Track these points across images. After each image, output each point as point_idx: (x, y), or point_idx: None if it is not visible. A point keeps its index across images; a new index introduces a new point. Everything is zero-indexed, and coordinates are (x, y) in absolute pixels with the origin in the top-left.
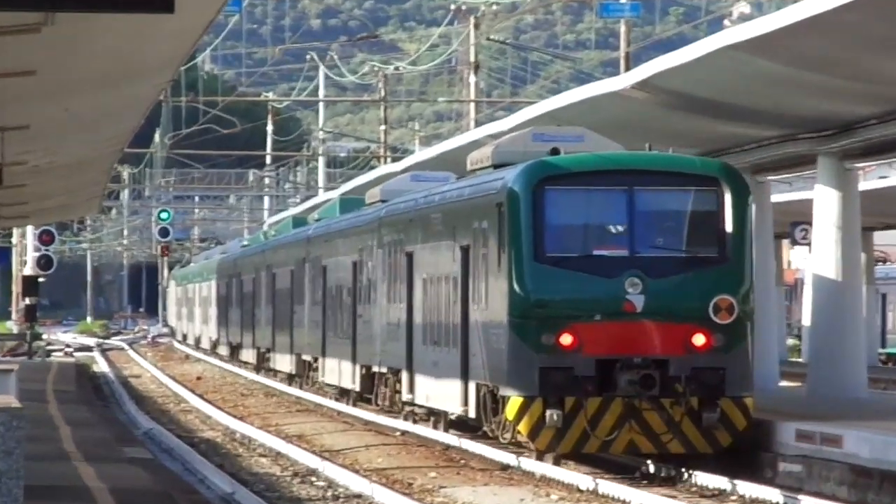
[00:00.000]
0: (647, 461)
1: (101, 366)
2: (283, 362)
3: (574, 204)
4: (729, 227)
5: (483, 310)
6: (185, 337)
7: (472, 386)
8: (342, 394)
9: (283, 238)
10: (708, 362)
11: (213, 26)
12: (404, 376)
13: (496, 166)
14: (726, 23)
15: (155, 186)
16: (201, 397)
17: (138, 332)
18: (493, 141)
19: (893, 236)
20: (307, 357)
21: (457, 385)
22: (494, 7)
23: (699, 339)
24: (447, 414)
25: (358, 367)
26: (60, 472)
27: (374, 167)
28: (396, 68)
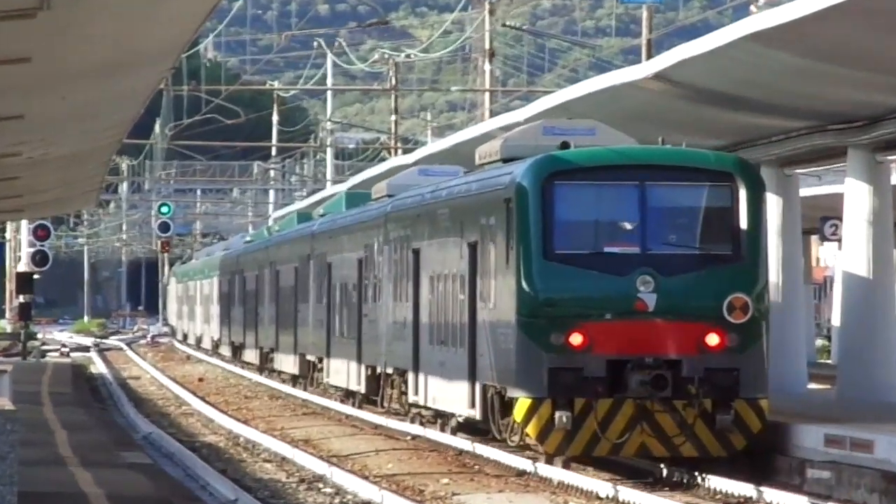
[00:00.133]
0: (660, 465)
1: (98, 367)
2: (287, 363)
3: (584, 199)
4: (744, 223)
5: (491, 308)
6: (186, 336)
7: (479, 387)
8: (347, 395)
9: (287, 234)
10: (722, 363)
11: (216, 11)
12: (410, 377)
13: (505, 160)
14: (752, 8)
15: (155, 179)
16: (203, 400)
17: (137, 332)
18: (504, 134)
19: None
20: (312, 357)
21: (464, 386)
22: None
23: (713, 339)
24: (454, 416)
25: (363, 367)
26: (56, 477)
27: (384, 159)
28: (408, 56)
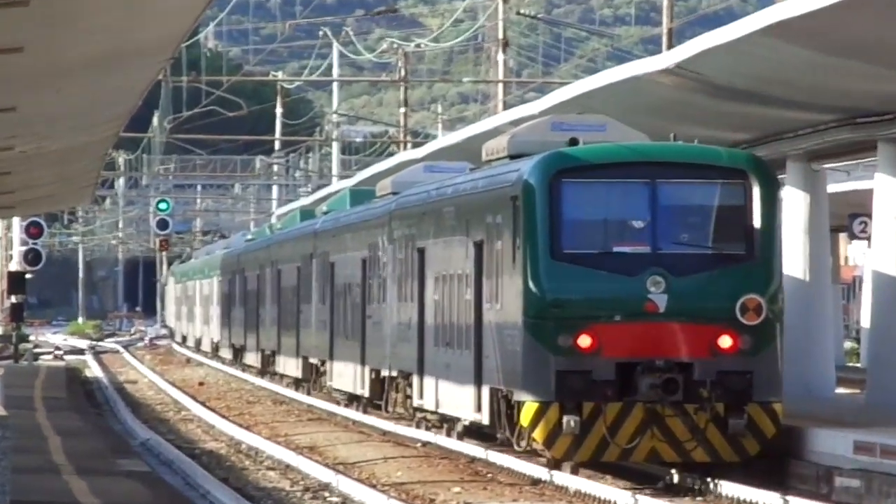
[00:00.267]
0: (671, 470)
1: (94, 370)
2: (290, 366)
3: (593, 197)
4: (757, 222)
5: (497, 309)
6: (185, 338)
7: (485, 390)
8: (351, 400)
9: (290, 232)
10: (734, 365)
11: None
12: (415, 380)
13: (512, 157)
14: None
15: (153, 174)
16: (204, 405)
17: (135, 334)
18: (512, 129)
19: None
20: (314, 360)
21: (469, 390)
22: None
23: (725, 341)
24: (460, 421)
25: (367, 370)
26: (50, 486)
27: (392, 154)
28: (417, 45)
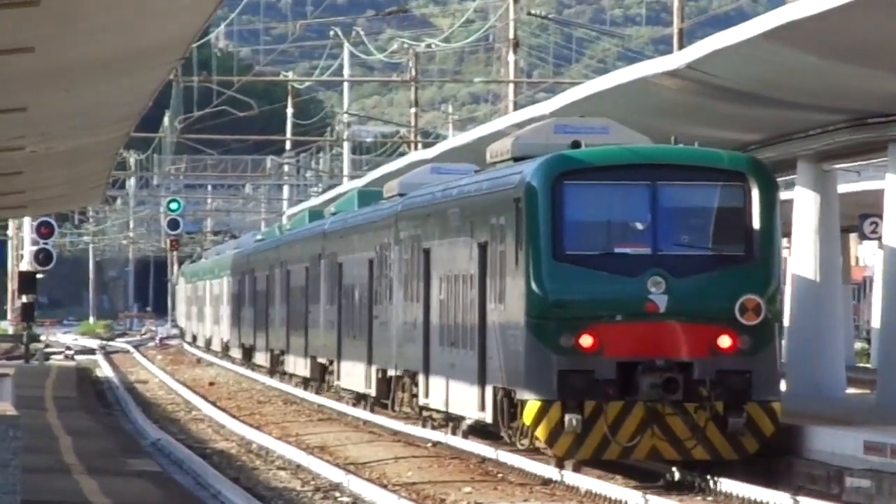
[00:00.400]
0: (672, 468)
1: (104, 370)
2: (298, 366)
3: (594, 199)
4: (756, 223)
5: (500, 310)
6: (195, 338)
7: (489, 390)
8: (359, 399)
9: (299, 232)
10: (734, 365)
11: None
12: (421, 380)
13: (516, 159)
14: None
15: (164, 174)
16: (214, 405)
17: (145, 334)
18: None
19: None
20: (323, 360)
21: (474, 389)
22: None
23: (725, 341)
24: (465, 419)
25: (374, 370)
26: (60, 486)
27: (403, 153)
28: (428, 45)
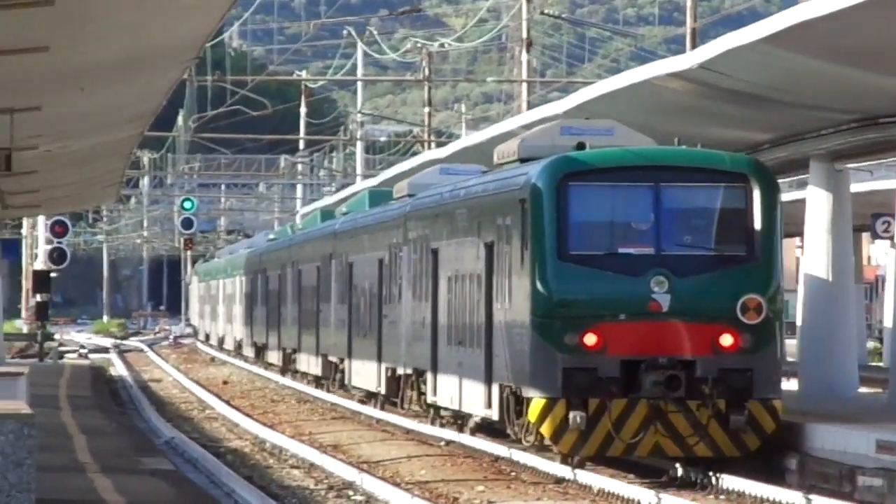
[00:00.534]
0: (675, 464)
1: (118, 369)
2: (310, 364)
3: (598, 200)
4: (758, 224)
5: (506, 309)
6: (208, 337)
7: (495, 387)
8: (369, 397)
9: (310, 232)
10: (735, 363)
11: None
12: (429, 378)
13: (523, 160)
14: None
15: (178, 173)
16: (228, 403)
17: (159, 333)
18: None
19: None
20: (333, 358)
21: (480, 386)
22: None
23: (726, 340)
24: (472, 417)
25: (383, 368)
26: (75, 484)
27: (416, 153)
28: (441, 45)
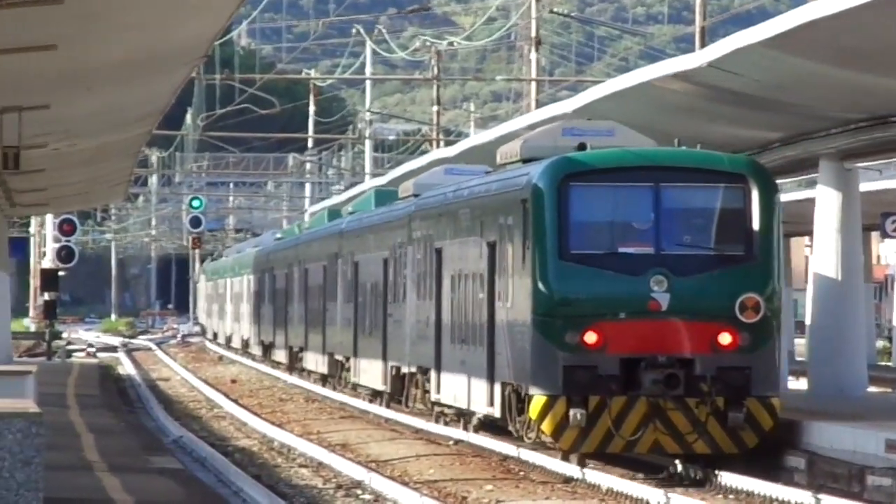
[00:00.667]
0: (675, 461)
1: (126, 368)
2: (316, 362)
3: (599, 200)
4: (756, 224)
5: (508, 308)
6: (216, 335)
7: (497, 385)
8: (375, 395)
9: (317, 231)
10: (734, 361)
11: None
12: (433, 376)
13: (525, 161)
14: None
15: (186, 172)
16: (236, 402)
17: (167, 331)
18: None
19: None
20: (339, 357)
21: (483, 384)
22: None
23: (725, 339)
24: (475, 414)
25: (388, 367)
26: (83, 483)
27: (425, 152)
28: (450, 44)
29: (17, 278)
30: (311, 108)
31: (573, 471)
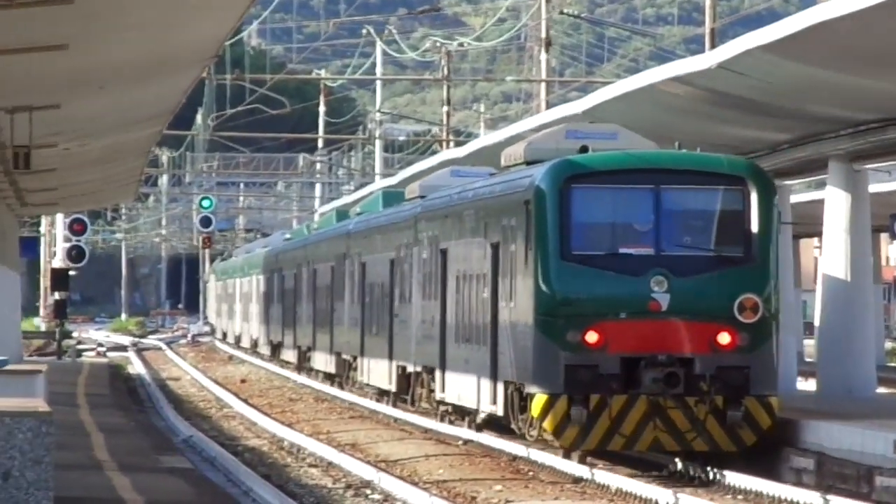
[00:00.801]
0: (674, 459)
1: (136, 367)
2: (324, 362)
3: (600, 202)
4: (755, 226)
5: (511, 307)
6: (225, 335)
7: (500, 384)
8: (381, 394)
9: (325, 232)
10: (733, 361)
11: None
12: (437, 375)
13: (529, 163)
14: None
15: (196, 172)
16: (246, 402)
17: (177, 331)
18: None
19: None
20: (347, 356)
21: (486, 383)
22: None
23: (724, 338)
24: (478, 413)
25: (394, 366)
26: (93, 482)
27: (435, 152)
28: (461, 44)
29: (27, 278)
30: (322, 109)
31: (582, 471)
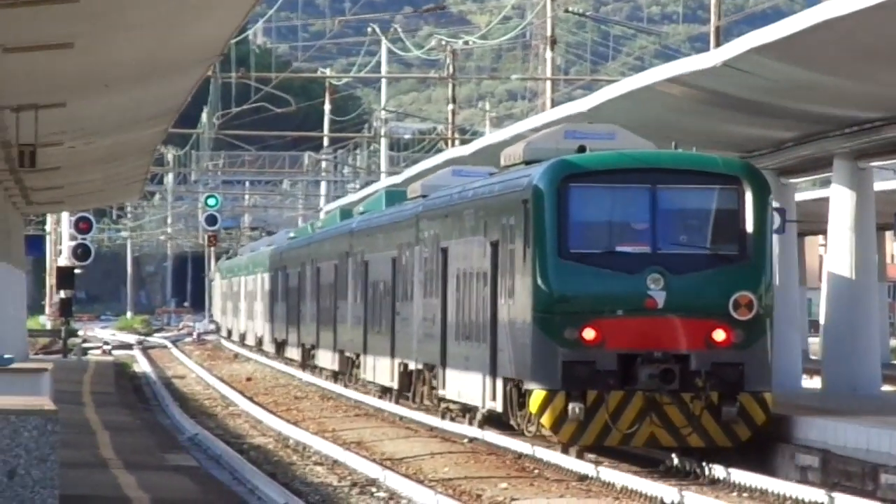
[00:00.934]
0: (671, 455)
1: (141, 365)
2: (327, 359)
3: (597, 201)
4: (750, 225)
5: (510, 305)
6: (230, 333)
7: (499, 380)
8: (384, 392)
9: (329, 231)
10: (728, 357)
11: None
12: (439, 372)
13: (527, 162)
14: None
15: (202, 170)
16: (251, 400)
17: (183, 329)
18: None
19: None
20: (350, 354)
21: (486, 380)
22: None
23: (719, 335)
24: (479, 409)
25: (396, 363)
26: (98, 480)
27: (440, 150)
28: (466, 42)
29: (33, 276)
30: (327, 107)
31: (588, 469)
